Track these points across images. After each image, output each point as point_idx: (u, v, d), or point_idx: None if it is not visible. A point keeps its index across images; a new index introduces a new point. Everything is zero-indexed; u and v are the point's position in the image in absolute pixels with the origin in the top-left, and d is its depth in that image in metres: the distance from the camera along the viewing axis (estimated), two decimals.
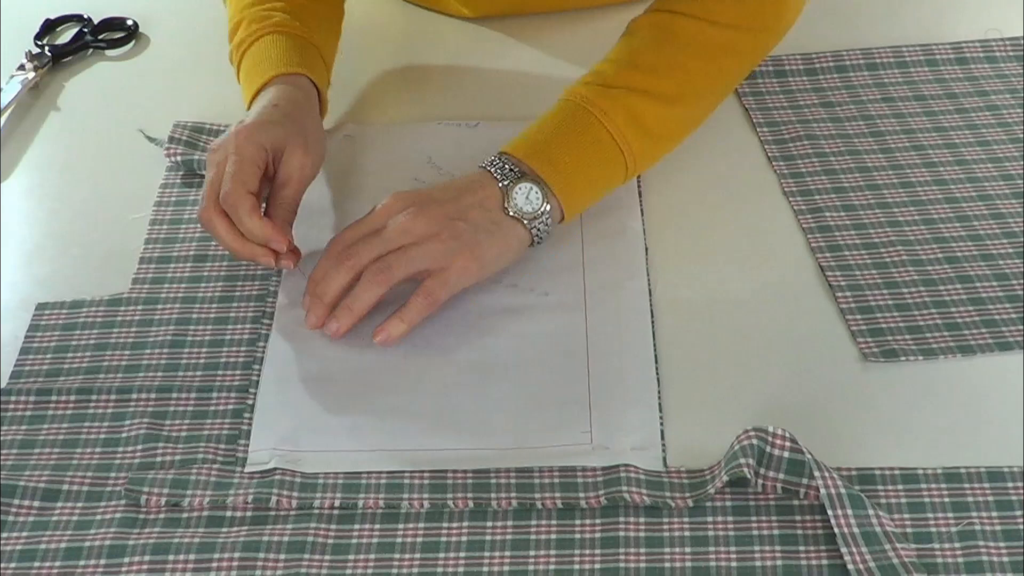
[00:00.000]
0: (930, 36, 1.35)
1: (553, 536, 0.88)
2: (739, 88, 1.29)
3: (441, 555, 0.87)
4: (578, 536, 0.88)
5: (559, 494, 0.90)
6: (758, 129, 1.24)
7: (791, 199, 1.16)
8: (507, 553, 0.87)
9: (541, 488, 0.90)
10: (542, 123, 1.10)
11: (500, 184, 1.05)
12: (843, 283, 1.07)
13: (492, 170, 1.06)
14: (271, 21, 1.18)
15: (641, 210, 1.15)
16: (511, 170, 1.06)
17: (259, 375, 1.00)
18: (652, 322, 1.04)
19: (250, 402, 0.98)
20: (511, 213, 1.04)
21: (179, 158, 1.21)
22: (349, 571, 0.87)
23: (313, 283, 1.02)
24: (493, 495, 0.90)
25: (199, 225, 1.14)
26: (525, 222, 1.05)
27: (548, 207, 1.05)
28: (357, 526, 0.89)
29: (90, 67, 1.40)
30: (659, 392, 0.98)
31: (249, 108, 1.13)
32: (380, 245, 1.01)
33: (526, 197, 1.05)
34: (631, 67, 1.12)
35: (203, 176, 1.19)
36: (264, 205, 1.06)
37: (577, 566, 0.86)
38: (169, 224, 1.16)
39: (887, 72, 1.31)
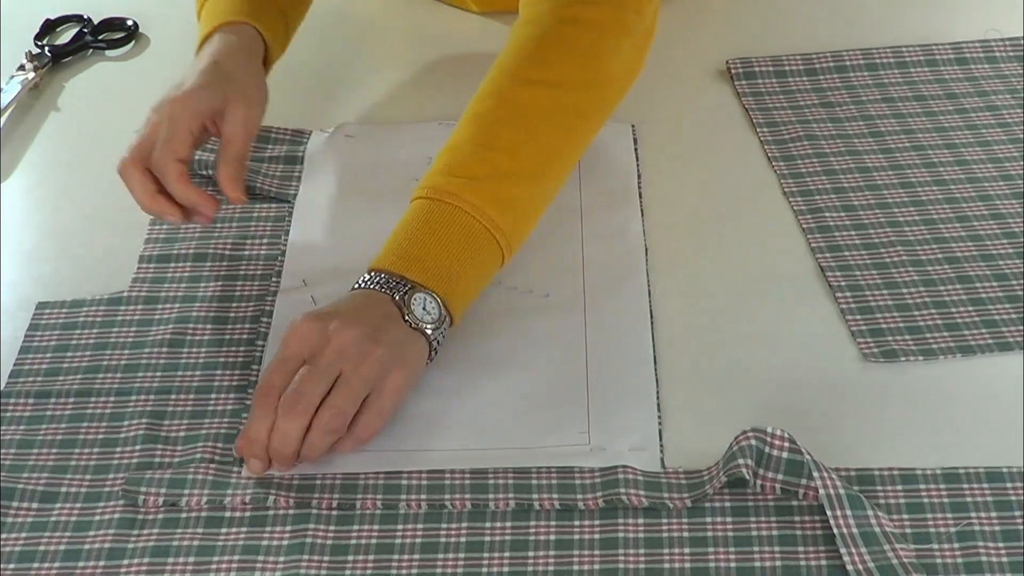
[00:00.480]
0: (930, 36, 1.35)
1: (552, 537, 0.88)
2: (739, 88, 1.29)
3: (440, 556, 0.87)
4: (577, 537, 0.88)
5: (557, 495, 0.90)
6: (758, 129, 1.24)
7: (791, 199, 1.16)
8: (506, 554, 0.87)
9: (539, 489, 0.90)
10: (411, 229, 1.02)
11: (393, 297, 0.97)
12: (843, 283, 1.07)
13: (373, 287, 0.98)
14: None
15: (641, 211, 1.15)
16: (397, 283, 0.98)
17: (258, 375, 1.00)
18: (651, 323, 1.04)
19: (248, 402, 0.98)
20: (413, 326, 0.97)
21: None
22: (348, 572, 0.86)
23: (258, 442, 0.91)
24: (491, 496, 0.90)
25: (197, 226, 1.15)
26: (428, 333, 0.97)
27: (445, 314, 0.99)
28: (356, 527, 0.89)
29: (90, 67, 1.40)
30: (658, 393, 0.98)
31: (196, 55, 1.14)
32: (322, 379, 0.92)
33: (423, 308, 0.98)
34: (489, 149, 1.05)
35: (203, 175, 1.19)
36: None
37: (576, 567, 0.86)
38: (169, 224, 1.15)
39: (887, 72, 1.31)
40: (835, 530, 0.85)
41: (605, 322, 1.03)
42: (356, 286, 0.99)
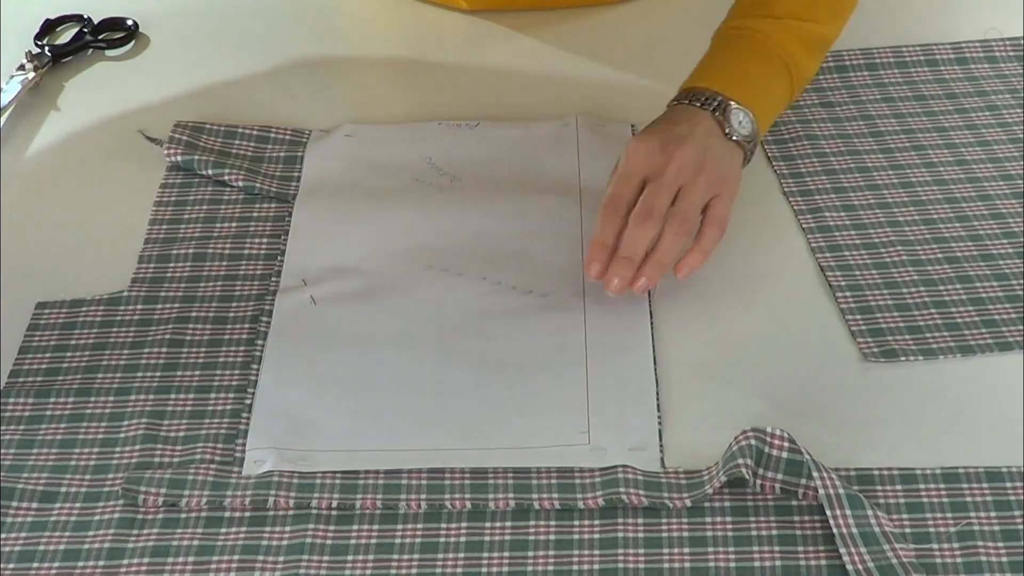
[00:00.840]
0: (930, 36, 1.35)
1: (552, 537, 0.88)
2: None
3: (440, 556, 0.87)
4: (576, 537, 0.88)
5: (556, 495, 0.90)
6: None
7: (791, 199, 1.16)
8: (506, 554, 0.87)
9: (539, 489, 0.90)
10: (724, 55, 1.16)
11: (712, 113, 1.10)
12: (843, 283, 1.07)
13: (693, 103, 1.11)
14: None
15: None
16: (714, 99, 1.10)
17: (257, 374, 1.00)
18: (651, 322, 1.04)
19: (248, 402, 0.98)
20: (734, 138, 1.10)
21: (179, 158, 1.21)
22: (348, 572, 0.86)
23: (603, 247, 1.03)
24: (491, 496, 0.90)
25: (198, 224, 1.15)
26: (745, 146, 1.11)
27: (756, 130, 1.12)
28: (355, 527, 0.89)
29: (90, 67, 1.40)
30: (657, 392, 0.98)
31: None
32: (667, 192, 1.05)
33: (739, 122, 1.10)
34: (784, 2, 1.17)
35: (203, 176, 1.19)
36: None
37: (576, 567, 0.86)
38: (168, 223, 1.16)
39: (887, 72, 1.31)
40: (835, 530, 0.85)
41: (605, 322, 1.03)
42: (672, 103, 1.13)
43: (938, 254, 1.09)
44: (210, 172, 1.19)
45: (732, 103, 1.10)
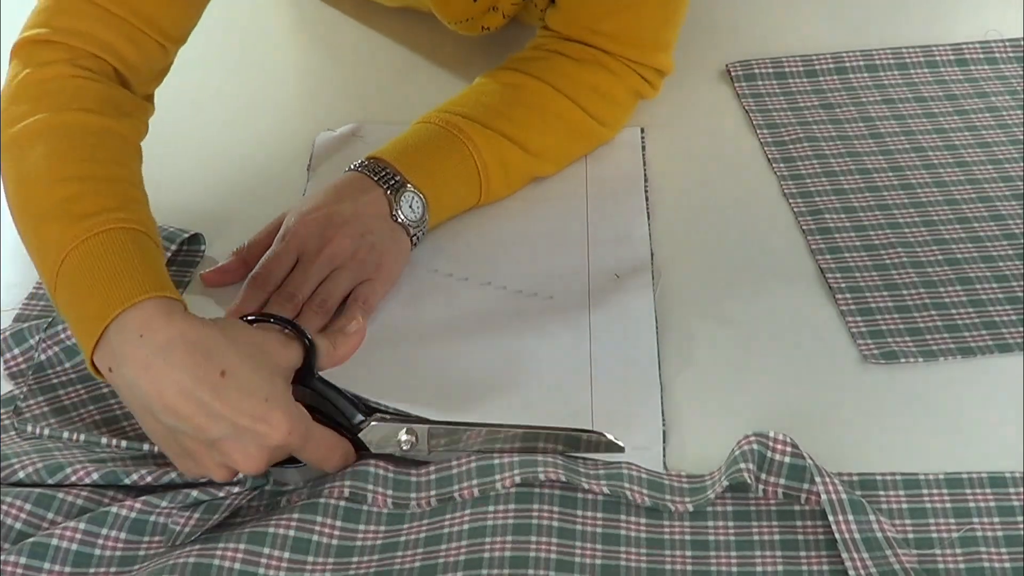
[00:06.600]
0: (930, 37, 1.35)
1: (555, 523, 0.87)
2: (739, 90, 1.30)
3: (443, 546, 0.87)
4: (579, 528, 0.87)
5: (563, 471, 0.89)
6: (758, 131, 1.25)
7: (791, 201, 1.16)
8: (508, 538, 0.86)
9: (545, 464, 0.89)
10: (419, 140, 1.14)
11: (385, 191, 1.09)
12: (843, 285, 1.07)
13: (372, 176, 1.10)
14: (97, 220, 0.91)
15: (648, 214, 1.15)
16: (392, 178, 1.10)
17: None
18: (656, 325, 1.04)
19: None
20: (399, 220, 1.09)
21: None
22: (351, 573, 0.86)
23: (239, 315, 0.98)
24: (497, 476, 0.89)
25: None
26: (410, 230, 1.09)
27: (427, 217, 1.11)
28: (362, 526, 0.89)
29: None
30: (661, 394, 0.98)
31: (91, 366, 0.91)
32: (314, 277, 1.05)
33: (410, 206, 1.09)
34: (504, 119, 1.16)
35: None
36: None
37: (579, 559, 0.85)
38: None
39: (887, 73, 1.32)
40: (837, 535, 0.85)
41: (610, 325, 1.04)
42: (353, 168, 1.11)
43: (938, 255, 1.09)
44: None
45: (409, 186, 1.10)
